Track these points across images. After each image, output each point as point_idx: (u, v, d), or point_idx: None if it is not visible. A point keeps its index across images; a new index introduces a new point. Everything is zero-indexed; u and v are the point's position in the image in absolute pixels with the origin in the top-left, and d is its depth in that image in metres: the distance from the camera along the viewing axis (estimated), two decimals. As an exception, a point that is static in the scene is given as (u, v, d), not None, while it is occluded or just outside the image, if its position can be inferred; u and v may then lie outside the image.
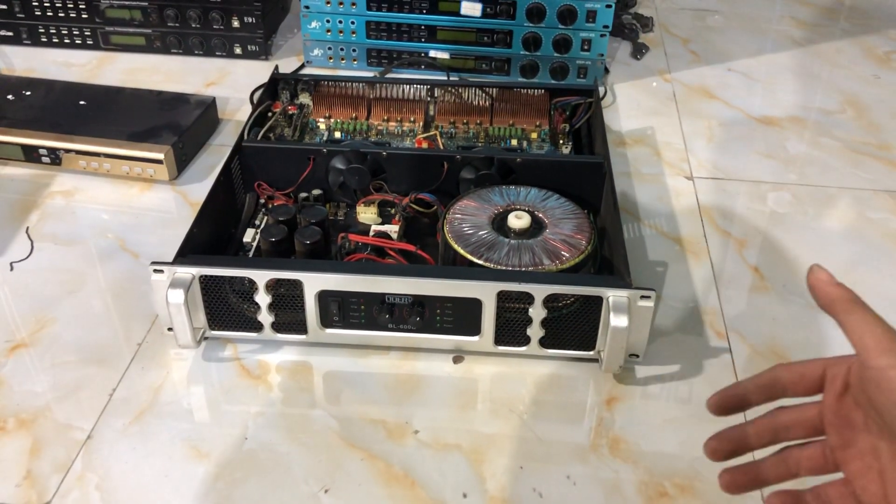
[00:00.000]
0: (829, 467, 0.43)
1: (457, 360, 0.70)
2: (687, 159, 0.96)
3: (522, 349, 0.68)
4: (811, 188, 0.91)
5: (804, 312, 0.74)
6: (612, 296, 0.64)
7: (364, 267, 0.69)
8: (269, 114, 0.91)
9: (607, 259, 0.74)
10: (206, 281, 0.67)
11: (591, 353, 0.68)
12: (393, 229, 0.78)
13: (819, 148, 0.98)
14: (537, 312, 0.66)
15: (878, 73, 1.15)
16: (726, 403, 0.46)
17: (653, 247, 0.82)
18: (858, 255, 0.81)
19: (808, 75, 1.15)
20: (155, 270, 0.66)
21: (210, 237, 0.75)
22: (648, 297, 0.64)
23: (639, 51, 1.18)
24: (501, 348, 0.69)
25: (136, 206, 0.88)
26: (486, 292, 0.65)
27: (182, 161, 0.92)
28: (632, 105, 1.07)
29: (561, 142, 0.89)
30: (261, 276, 0.66)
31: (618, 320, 0.63)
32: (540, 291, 0.65)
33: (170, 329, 0.67)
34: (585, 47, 1.08)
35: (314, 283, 0.66)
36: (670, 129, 1.01)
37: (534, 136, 0.90)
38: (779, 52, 1.21)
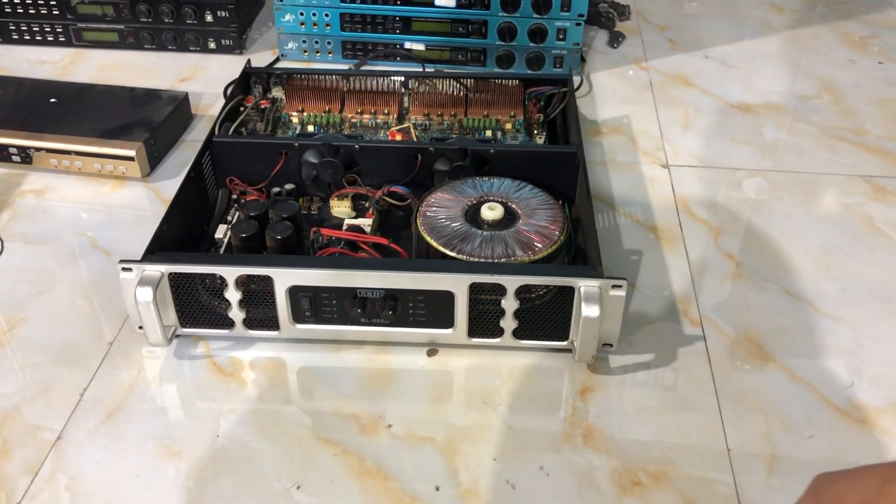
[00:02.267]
0: None
1: (431, 353, 0.70)
2: (663, 147, 0.95)
3: (496, 341, 0.68)
4: (787, 174, 0.91)
5: (779, 299, 0.74)
6: (584, 286, 0.64)
7: (335, 261, 0.68)
8: (241, 108, 0.90)
9: (581, 249, 0.74)
10: (175, 278, 0.66)
11: (565, 343, 0.68)
12: (366, 223, 0.78)
13: (795, 134, 0.98)
14: (510, 304, 0.65)
15: (854, 59, 1.15)
16: None
17: (628, 236, 0.82)
18: (834, 241, 0.81)
19: (786, 61, 1.15)
20: (123, 269, 0.65)
21: (181, 234, 0.75)
22: (620, 286, 0.64)
23: (615, 39, 1.18)
24: (475, 340, 0.68)
25: (109, 204, 0.87)
26: (458, 285, 0.65)
27: (154, 158, 0.91)
28: (608, 94, 1.07)
29: (535, 132, 0.89)
30: (230, 273, 0.65)
31: (589, 310, 0.63)
32: (512, 283, 0.64)
33: (140, 328, 0.67)
34: (561, 37, 1.07)
35: (285, 278, 0.66)
36: (646, 118, 1.01)
37: (508, 126, 0.89)
38: (756, 38, 1.21)
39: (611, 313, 0.65)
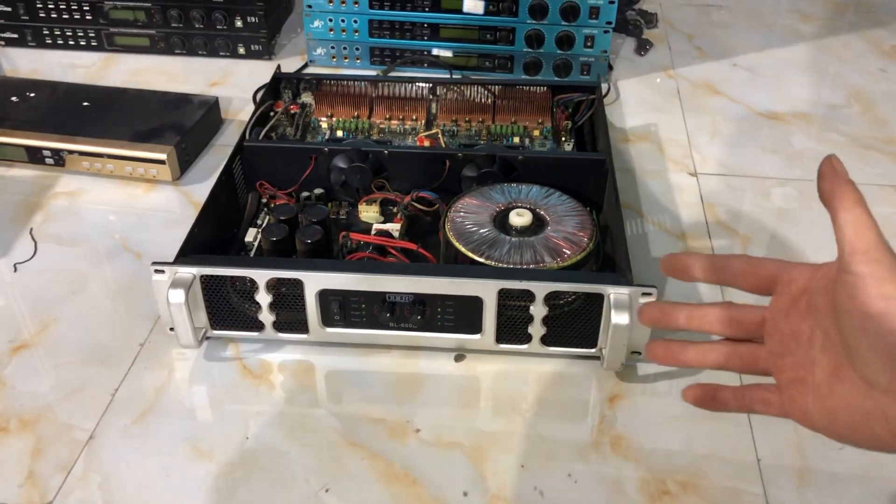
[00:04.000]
0: (759, 370, 0.44)
1: (458, 358, 0.70)
2: (691, 155, 0.95)
3: (524, 347, 0.68)
4: (813, 183, 0.90)
5: (809, 309, 0.74)
6: (614, 293, 0.64)
7: (365, 266, 0.69)
8: (272, 113, 0.91)
9: (609, 256, 0.73)
10: (207, 281, 0.67)
11: (594, 350, 0.68)
12: (395, 228, 0.78)
13: (825, 143, 0.98)
14: (538, 310, 0.65)
15: (885, 67, 1.14)
16: (674, 263, 0.47)
17: (656, 243, 0.82)
18: (864, 251, 0.80)
19: (814, 70, 1.15)
20: (156, 271, 0.66)
21: (212, 237, 0.75)
22: (650, 293, 0.63)
23: (642, 47, 1.18)
24: (503, 346, 0.68)
25: (140, 207, 0.88)
26: (486, 290, 0.65)
27: (185, 161, 0.92)
28: (635, 101, 1.06)
29: (563, 139, 0.89)
30: (261, 276, 0.66)
31: (619, 317, 0.63)
32: (541, 289, 0.65)
33: (172, 329, 0.68)
34: (589, 44, 1.07)
35: (315, 282, 0.66)
36: (674, 126, 1.01)
37: (536, 133, 0.90)
38: (784, 46, 1.20)
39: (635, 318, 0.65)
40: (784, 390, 0.42)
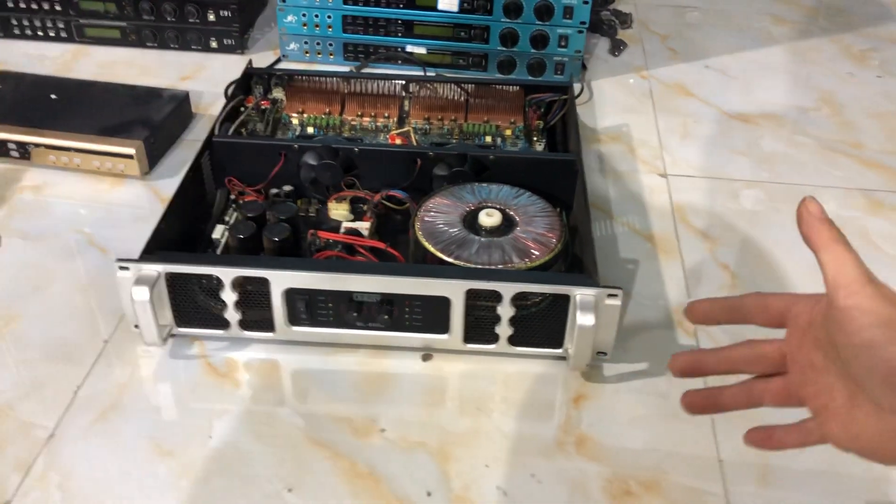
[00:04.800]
0: (793, 401, 0.44)
1: (426, 358, 0.70)
2: (661, 156, 0.96)
3: (491, 347, 0.68)
4: (784, 186, 0.91)
5: (774, 310, 0.74)
6: (580, 294, 0.64)
7: (331, 265, 0.68)
8: (242, 108, 0.90)
9: (578, 257, 0.74)
10: (172, 278, 0.66)
11: (560, 351, 0.68)
12: (364, 226, 0.78)
13: (794, 146, 0.99)
14: (506, 311, 0.66)
15: (854, 72, 1.16)
16: (697, 311, 0.48)
17: (624, 245, 0.82)
18: (829, 254, 0.81)
19: (786, 73, 1.16)
20: (120, 268, 0.65)
21: (180, 233, 0.75)
22: (615, 295, 0.64)
23: (616, 47, 1.18)
24: (470, 346, 0.69)
25: (107, 202, 0.87)
26: (454, 290, 0.65)
27: (154, 156, 0.91)
28: (608, 102, 1.07)
29: (535, 139, 0.89)
30: (227, 274, 0.65)
31: (584, 318, 0.63)
32: (508, 290, 0.65)
33: (136, 326, 0.67)
34: (562, 43, 1.07)
35: (281, 280, 0.66)
36: (646, 127, 1.01)
37: (508, 132, 0.90)
38: (757, 49, 1.21)
39: (606, 322, 0.65)
40: (816, 418, 0.43)
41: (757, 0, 1.37)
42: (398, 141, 0.87)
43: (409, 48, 1.12)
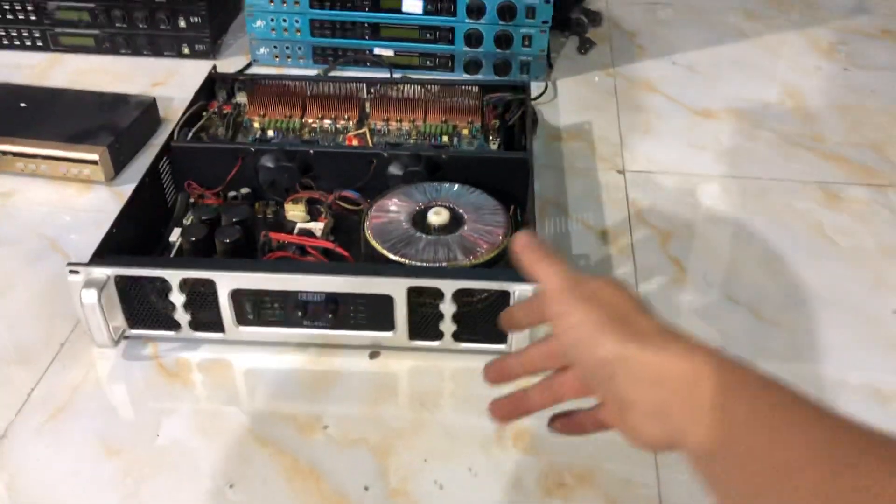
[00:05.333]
0: (587, 392, 0.45)
1: (373, 355, 0.71)
2: (621, 153, 0.97)
3: (436, 343, 0.69)
4: (741, 180, 0.92)
5: (722, 304, 0.75)
6: (518, 290, 0.65)
7: (276, 265, 0.70)
8: (203, 113, 0.92)
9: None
10: (121, 280, 0.68)
11: (504, 346, 0.69)
12: (318, 227, 0.79)
13: (754, 139, 0.99)
14: (448, 307, 0.67)
15: (821, 65, 1.16)
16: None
17: (578, 241, 0.83)
18: (783, 247, 0.81)
19: (752, 67, 1.16)
20: (71, 271, 0.67)
21: (136, 237, 0.76)
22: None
23: (584, 45, 1.19)
24: (416, 343, 0.70)
25: (73, 208, 0.89)
26: (396, 289, 0.66)
27: (119, 162, 0.93)
28: (572, 100, 1.08)
29: (491, 138, 0.90)
30: (173, 276, 0.67)
31: (522, 314, 0.64)
32: (448, 286, 0.66)
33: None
34: (526, 43, 1.08)
35: (227, 282, 0.67)
36: (607, 124, 1.02)
37: (465, 132, 0.91)
38: (725, 44, 1.22)
39: (545, 317, 0.66)
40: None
41: (731, -5, 1.37)
42: (355, 142, 0.88)
43: (376, 50, 1.13)
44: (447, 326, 0.68)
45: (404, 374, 0.69)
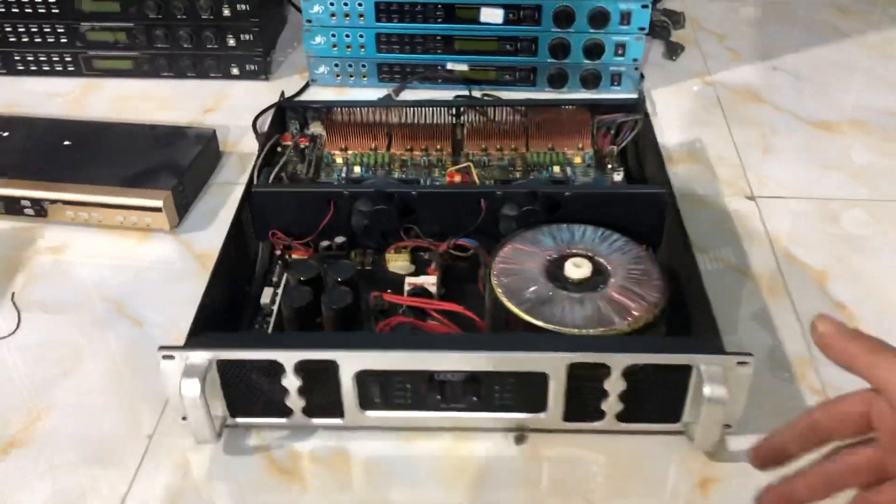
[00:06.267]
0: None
1: (519, 439, 0.60)
2: (744, 175, 0.86)
3: (596, 424, 0.59)
4: (887, 203, 0.82)
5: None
6: (705, 364, 0.55)
7: (408, 340, 0.59)
8: (279, 149, 0.81)
9: (679, 310, 0.64)
10: (224, 365, 0.57)
11: (677, 425, 0.59)
12: (430, 281, 0.69)
13: (888, 156, 0.89)
14: (615, 385, 0.56)
15: (936, 66, 1.06)
16: (767, 457, 0.43)
17: (720, 284, 0.72)
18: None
19: (860, 70, 1.06)
20: (164, 356, 0.56)
21: (223, 301, 0.66)
22: (746, 363, 0.55)
23: (673, 51, 1.08)
24: (570, 424, 0.59)
25: (135, 262, 0.78)
26: (554, 365, 0.56)
27: (183, 206, 0.82)
28: (673, 114, 0.97)
29: (610, 166, 0.79)
30: (289, 358, 0.56)
31: (715, 391, 0.54)
32: (618, 361, 0.55)
33: (185, 418, 0.58)
34: (619, 52, 0.98)
35: (352, 362, 0.56)
36: (721, 141, 0.92)
37: (577, 160, 0.80)
38: (824, 45, 1.11)
39: (734, 392, 0.55)
40: None
41: (813, -11, 1.27)
42: (457, 178, 0.78)
43: (449, 65, 1.02)
44: (611, 406, 0.58)
45: (557, 461, 0.59)
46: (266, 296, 0.69)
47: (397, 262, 0.72)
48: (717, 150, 0.90)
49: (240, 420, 0.60)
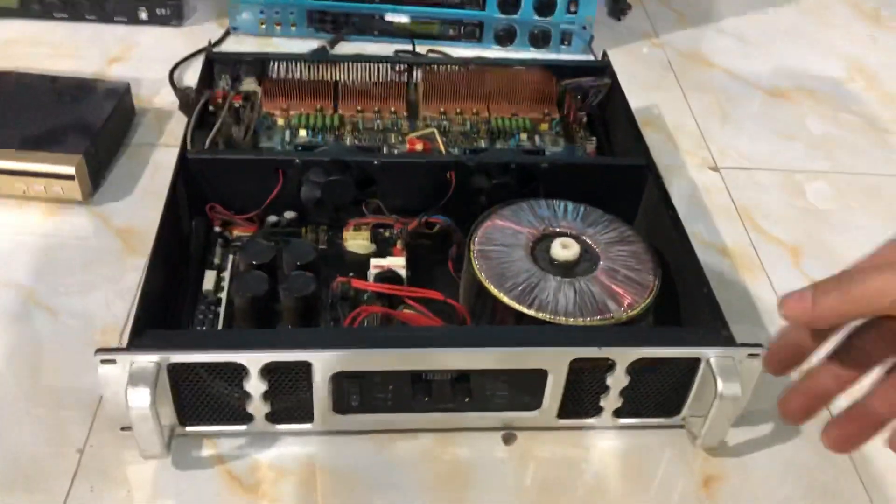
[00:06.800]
0: None
1: (508, 439, 0.55)
2: (706, 145, 0.83)
3: (591, 421, 0.55)
4: (847, 176, 0.81)
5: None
6: (714, 357, 0.51)
7: (394, 338, 0.52)
8: (211, 108, 0.71)
9: (667, 295, 0.60)
10: (176, 369, 0.49)
11: (676, 419, 0.55)
12: (399, 263, 0.62)
13: (840, 126, 0.88)
14: (618, 380, 0.52)
15: (873, 34, 1.06)
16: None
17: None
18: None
19: (804, 37, 1.05)
20: (104, 360, 0.47)
21: (164, 289, 0.56)
22: (756, 354, 0.51)
23: (620, 10, 1.04)
24: (565, 421, 0.55)
25: (43, 239, 0.67)
26: (555, 362, 0.51)
27: (97, 172, 0.71)
28: (625, 78, 0.90)
29: (580, 136, 0.74)
30: (255, 360, 0.48)
31: (728, 387, 0.50)
32: (624, 356, 0.51)
33: (125, 428, 0.50)
34: (572, 8, 0.92)
35: (329, 364, 0.49)
36: (677, 108, 0.88)
37: (544, 127, 0.74)
38: (766, 9, 1.09)
39: (743, 386, 0.52)
40: None
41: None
42: (419, 146, 0.70)
43: (388, 16, 0.94)
44: (610, 402, 0.53)
45: (551, 461, 0.54)
46: (209, 281, 0.60)
47: (357, 241, 0.65)
48: (674, 117, 0.87)
49: (189, 429, 0.52)
